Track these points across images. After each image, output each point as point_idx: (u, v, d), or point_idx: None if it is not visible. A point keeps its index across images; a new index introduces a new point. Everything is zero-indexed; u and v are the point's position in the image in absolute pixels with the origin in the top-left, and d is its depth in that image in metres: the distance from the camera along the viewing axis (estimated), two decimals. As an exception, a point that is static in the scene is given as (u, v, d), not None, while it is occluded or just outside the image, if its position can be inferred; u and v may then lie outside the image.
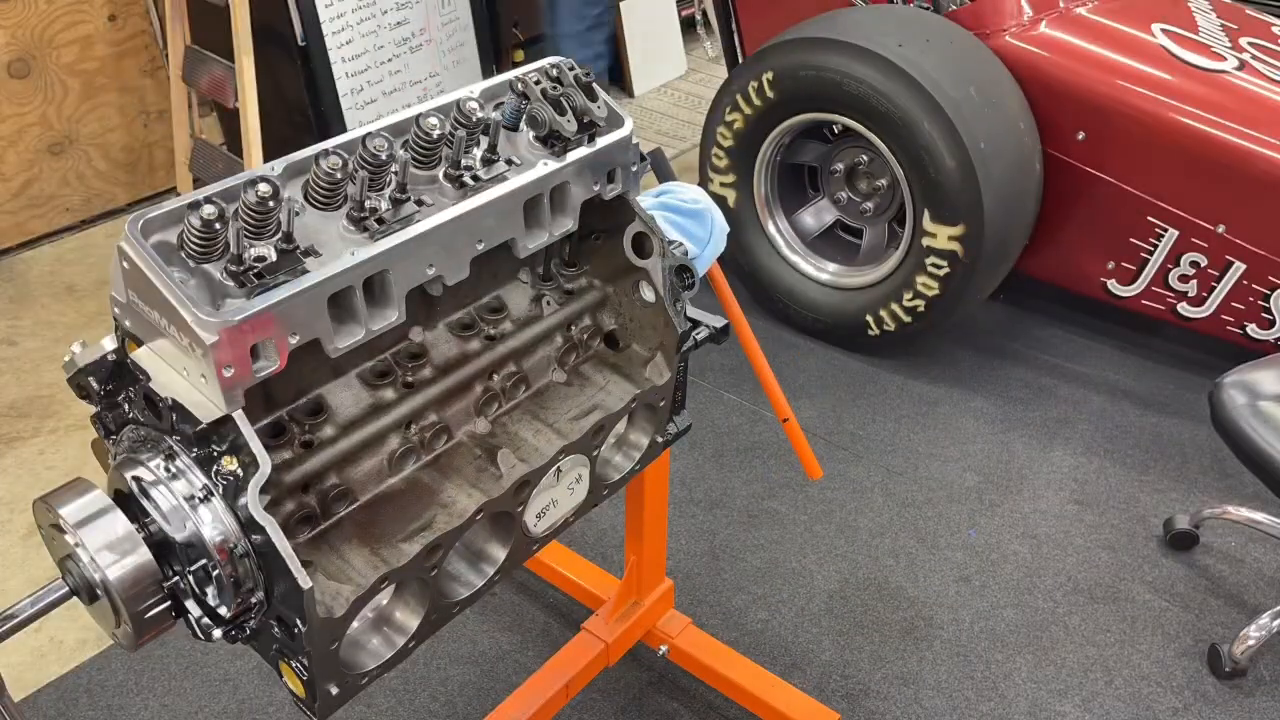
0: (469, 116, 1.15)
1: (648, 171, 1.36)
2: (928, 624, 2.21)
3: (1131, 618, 2.23)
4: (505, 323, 1.36)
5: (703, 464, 2.63)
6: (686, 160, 4.08)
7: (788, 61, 2.75)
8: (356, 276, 1.05)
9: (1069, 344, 3.08)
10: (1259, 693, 2.07)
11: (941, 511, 2.49)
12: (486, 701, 2.04)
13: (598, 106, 1.27)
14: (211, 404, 0.99)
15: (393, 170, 1.10)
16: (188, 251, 0.99)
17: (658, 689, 2.08)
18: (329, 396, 1.23)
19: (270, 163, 1.08)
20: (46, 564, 2.34)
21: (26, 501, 2.51)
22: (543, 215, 1.24)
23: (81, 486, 1.04)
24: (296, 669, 1.10)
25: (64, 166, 3.63)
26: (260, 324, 0.98)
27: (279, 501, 1.14)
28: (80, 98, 3.58)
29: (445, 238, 1.12)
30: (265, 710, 2.04)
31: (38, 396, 2.91)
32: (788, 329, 3.12)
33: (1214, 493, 2.54)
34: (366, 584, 1.09)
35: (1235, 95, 2.66)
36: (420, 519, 1.20)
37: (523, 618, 2.23)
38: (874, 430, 2.75)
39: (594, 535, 2.42)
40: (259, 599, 1.06)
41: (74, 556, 1.02)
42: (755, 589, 2.29)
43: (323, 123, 3.44)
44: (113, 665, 2.12)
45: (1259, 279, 2.62)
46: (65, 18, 3.45)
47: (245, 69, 3.07)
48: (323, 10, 3.28)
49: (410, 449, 1.25)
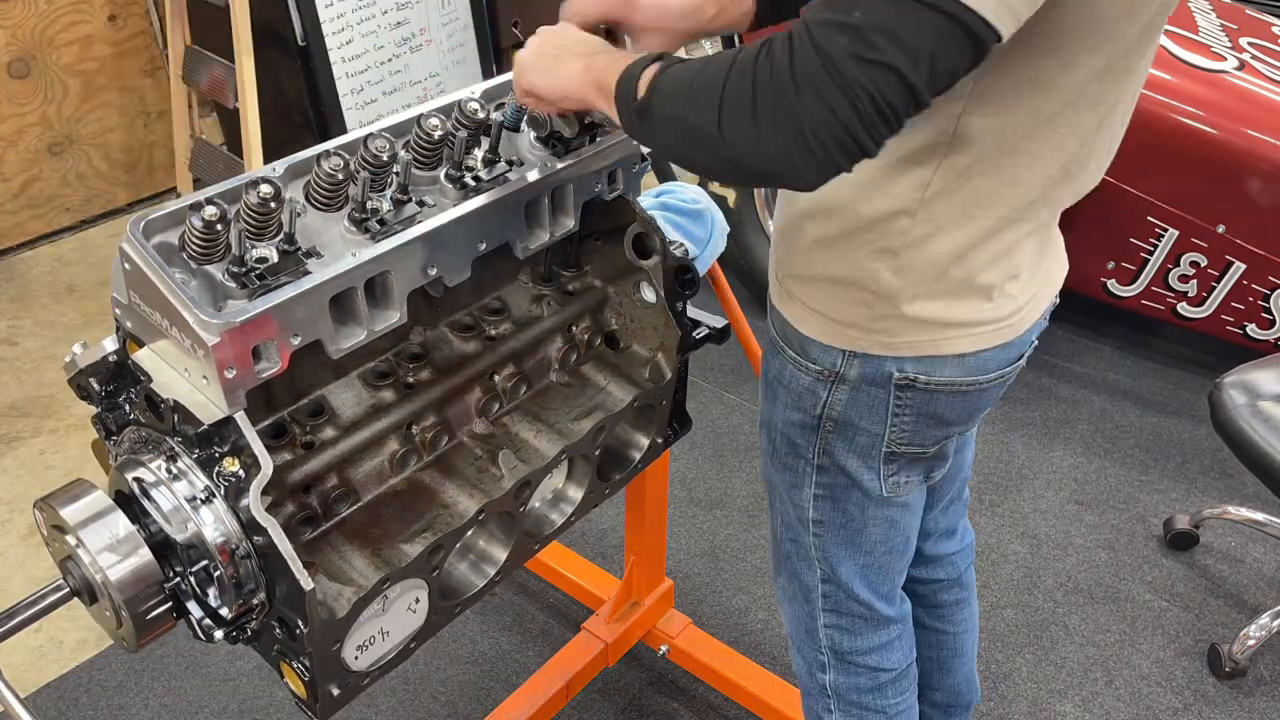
0: (470, 117, 1.15)
1: (648, 171, 1.36)
2: (928, 624, 2.21)
3: (1131, 618, 2.23)
4: (506, 323, 1.37)
5: (703, 464, 2.63)
6: (686, 160, 4.08)
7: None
8: (358, 277, 1.05)
9: (1069, 344, 3.08)
10: (1259, 693, 2.07)
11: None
12: (486, 701, 2.04)
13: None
14: (213, 405, 0.99)
15: (394, 171, 1.10)
16: (189, 252, 0.99)
17: (658, 689, 2.08)
18: (330, 397, 1.23)
19: (272, 164, 1.08)
20: (47, 564, 2.34)
21: (26, 501, 2.51)
22: (543, 216, 1.24)
23: (83, 487, 1.04)
24: (298, 670, 1.10)
25: (64, 166, 3.63)
26: (262, 325, 0.98)
27: (280, 502, 1.14)
28: (80, 98, 3.58)
29: (447, 238, 1.12)
30: (266, 710, 2.04)
31: (38, 396, 2.91)
32: (788, 329, 3.12)
33: (1214, 493, 2.54)
34: (368, 585, 1.09)
35: (1235, 95, 2.66)
36: (421, 520, 1.20)
37: (523, 618, 2.23)
38: (874, 430, 2.75)
39: (594, 535, 2.42)
40: (260, 600, 1.06)
41: (75, 557, 1.02)
42: (755, 589, 2.29)
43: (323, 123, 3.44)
44: (113, 665, 2.12)
45: (1259, 279, 2.62)
46: (65, 18, 3.44)
47: (245, 69, 3.07)
48: (323, 10, 3.27)
49: (411, 450, 1.26)
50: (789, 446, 1.30)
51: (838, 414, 1.22)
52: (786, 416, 1.28)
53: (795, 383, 1.24)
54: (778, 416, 1.29)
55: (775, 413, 1.30)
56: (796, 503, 1.34)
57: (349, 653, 1.11)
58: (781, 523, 1.41)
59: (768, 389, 1.31)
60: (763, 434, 1.36)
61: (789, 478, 1.33)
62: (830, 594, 1.41)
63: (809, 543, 1.37)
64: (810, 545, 1.37)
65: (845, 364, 1.18)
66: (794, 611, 1.48)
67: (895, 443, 1.23)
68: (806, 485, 1.32)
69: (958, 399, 1.19)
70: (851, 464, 1.26)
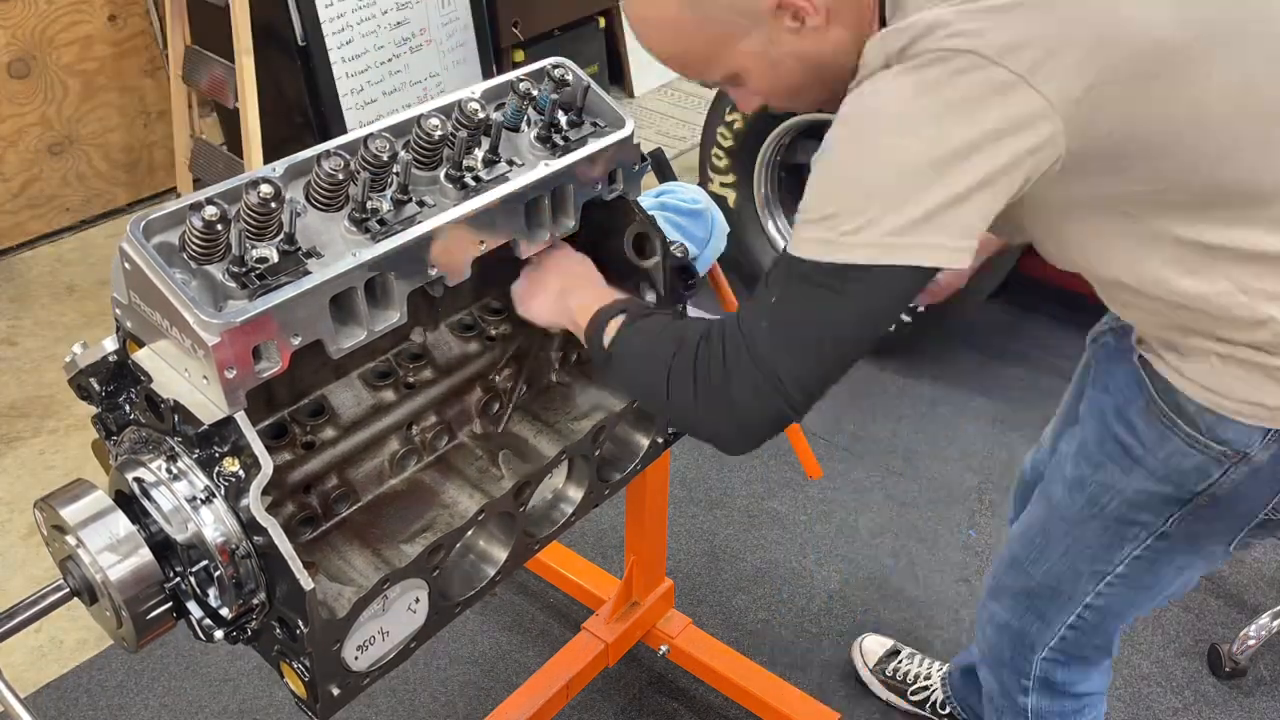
0: (470, 117, 1.15)
1: (648, 171, 1.36)
2: (928, 624, 2.21)
3: (1131, 618, 2.23)
4: (506, 323, 1.37)
5: (703, 464, 2.63)
6: (686, 160, 4.08)
7: (788, 62, 2.75)
8: (358, 278, 1.05)
9: (1069, 344, 3.07)
10: (1259, 693, 2.07)
11: (941, 512, 2.49)
12: (486, 701, 2.04)
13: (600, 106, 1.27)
14: (213, 405, 0.99)
15: (394, 171, 1.10)
16: (189, 253, 0.99)
17: (658, 689, 2.08)
18: (330, 397, 1.23)
19: (272, 164, 1.08)
20: (47, 564, 2.34)
21: (26, 501, 2.51)
22: (544, 216, 1.24)
23: (83, 487, 1.04)
24: (298, 670, 1.10)
25: (64, 166, 3.63)
26: (262, 325, 0.98)
27: (281, 502, 1.14)
28: (80, 98, 3.58)
29: (447, 239, 1.12)
30: (266, 710, 2.04)
31: (38, 396, 2.91)
32: (788, 329, 3.12)
33: (1214, 493, 2.54)
34: (368, 585, 1.09)
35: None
36: (422, 520, 1.20)
37: (523, 618, 2.23)
38: (874, 430, 2.75)
39: (594, 535, 2.42)
40: (260, 600, 1.06)
41: (75, 557, 1.02)
42: (755, 589, 2.29)
43: (323, 123, 3.44)
44: (113, 665, 2.12)
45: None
46: (65, 18, 3.44)
47: (245, 69, 3.07)
48: (323, 10, 3.27)
49: (411, 450, 1.26)
50: (1128, 513, 1.22)
51: (1225, 492, 1.15)
52: (1145, 487, 1.19)
53: (1179, 460, 1.15)
54: (1128, 485, 1.20)
55: (1126, 481, 1.20)
56: (1103, 560, 1.27)
57: (349, 653, 1.11)
58: (1049, 571, 1.33)
59: (1118, 453, 1.20)
60: (1078, 494, 1.27)
61: (1107, 539, 1.26)
62: (1070, 638, 1.37)
63: (1086, 591, 1.31)
64: (1085, 594, 1.31)
65: (1263, 445, 1.10)
66: (1005, 641, 1.44)
67: (1276, 510, 1.17)
68: (1128, 546, 1.25)
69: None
70: (1214, 529, 1.20)
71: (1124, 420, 1.19)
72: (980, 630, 1.52)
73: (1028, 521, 1.39)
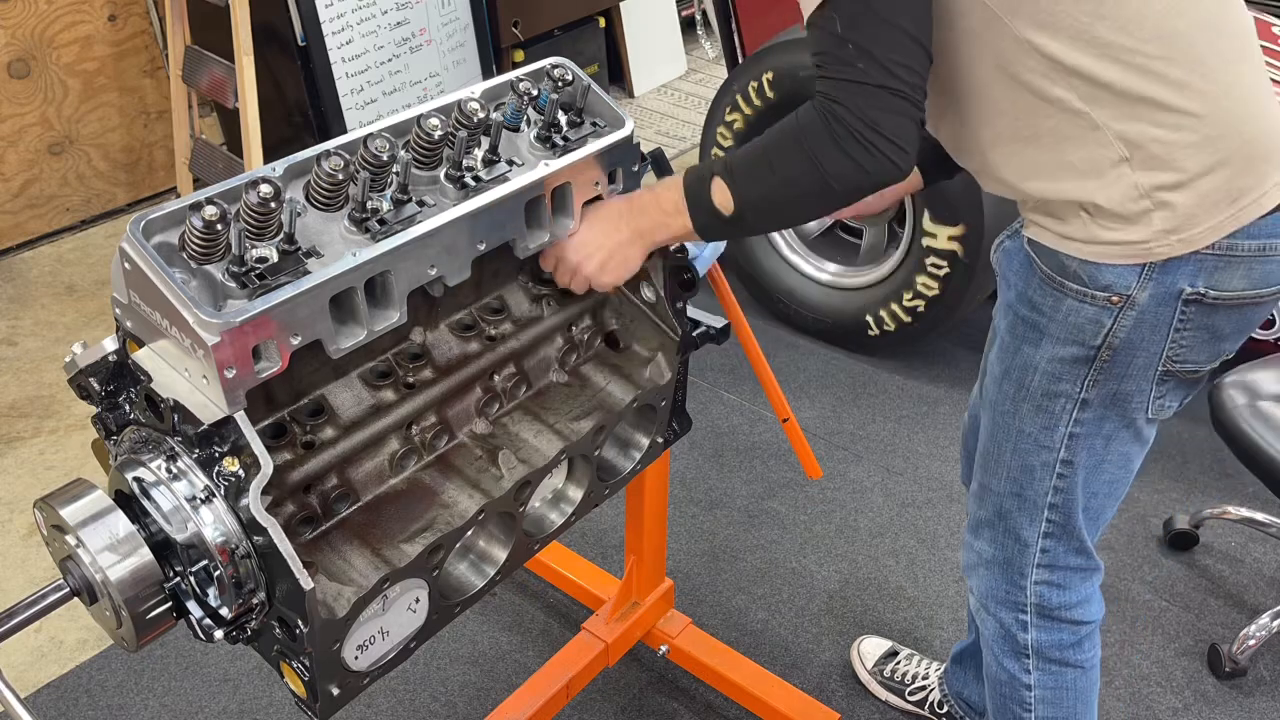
0: (470, 117, 1.15)
1: (648, 171, 1.36)
2: (927, 624, 2.21)
3: (1131, 618, 2.23)
4: (506, 323, 1.37)
5: (703, 464, 2.63)
6: (686, 160, 4.08)
7: (788, 61, 2.75)
8: (358, 277, 1.05)
9: (1069, 344, 3.07)
10: (1259, 693, 2.07)
11: (941, 511, 2.49)
12: (486, 701, 2.04)
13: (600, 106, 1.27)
14: (213, 405, 0.99)
15: (394, 171, 1.10)
16: (189, 252, 0.99)
17: (658, 689, 2.08)
18: (330, 397, 1.23)
19: (271, 163, 1.09)
20: (46, 564, 2.34)
21: (26, 501, 2.52)
22: (544, 216, 1.24)
23: (83, 487, 1.04)
24: (298, 669, 1.10)
25: (64, 166, 3.63)
26: (262, 325, 0.98)
27: (280, 502, 1.14)
28: (80, 98, 3.58)
29: (447, 238, 1.12)
30: (265, 710, 2.04)
31: (38, 396, 2.91)
32: (787, 329, 3.12)
33: (1214, 493, 2.54)
34: (368, 585, 1.09)
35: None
36: (422, 519, 1.20)
37: (523, 618, 2.23)
38: (874, 430, 2.75)
39: (594, 535, 2.43)
40: (260, 600, 1.06)
41: (75, 557, 1.02)
42: (755, 589, 2.30)
43: (323, 123, 3.44)
44: (113, 665, 2.12)
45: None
46: (65, 18, 3.45)
47: (245, 69, 3.08)
48: (323, 10, 3.28)
49: (411, 450, 1.25)
50: (1049, 385, 1.31)
51: (1121, 342, 1.25)
52: (1055, 353, 1.29)
53: (1074, 316, 1.25)
54: (1040, 356, 1.30)
55: (1038, 353, 1.31)
56: (1045, 446, 1.35)
57: (349, 652, 1.11)
58: (1007, 477, 1.42)
59: (1025, 331, 1.31)
60: (1006, 383, 1.37)
61: (1042, 420, 1.34)
62: (1049, 548, 1.44)
63: (1044, 489, 1.38)
64: (1044, 493, 1.39)
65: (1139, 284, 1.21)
66: (995, 575, 1.50)
67: (1171, 360, 1.26)
68: (1062, 425, 1.33)
69: (1235, 314, 1.24)
70: (1124, 388, 1.28)
71: (1025, 300, 1.31)
72: (971, 574, 1.56)
73: (982, 443, 1.46)
